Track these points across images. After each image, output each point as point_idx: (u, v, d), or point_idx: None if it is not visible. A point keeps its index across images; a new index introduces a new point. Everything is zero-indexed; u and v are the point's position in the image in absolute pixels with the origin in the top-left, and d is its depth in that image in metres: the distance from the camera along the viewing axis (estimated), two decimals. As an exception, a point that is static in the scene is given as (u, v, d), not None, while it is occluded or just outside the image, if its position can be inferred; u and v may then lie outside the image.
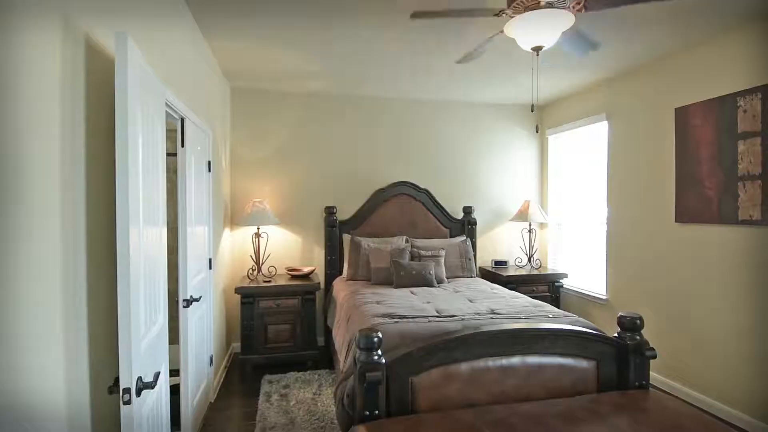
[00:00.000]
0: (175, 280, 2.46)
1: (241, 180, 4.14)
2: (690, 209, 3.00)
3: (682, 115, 3.05)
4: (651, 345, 2.27)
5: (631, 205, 3.58)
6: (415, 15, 2.16)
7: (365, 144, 4.40)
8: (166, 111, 2.10)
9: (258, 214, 3.75)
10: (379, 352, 2.03)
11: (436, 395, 2.11)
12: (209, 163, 3.02)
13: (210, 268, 3.05)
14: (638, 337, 2.29)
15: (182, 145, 2.40)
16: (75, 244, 1.25)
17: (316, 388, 3.27)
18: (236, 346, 4.10)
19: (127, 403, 1.24)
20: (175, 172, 2.47)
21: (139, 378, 1.31)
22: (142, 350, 1.38)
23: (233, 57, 3.25)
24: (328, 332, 3.88)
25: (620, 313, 2.38)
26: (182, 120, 2.39)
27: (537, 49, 1.95)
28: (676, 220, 3.11)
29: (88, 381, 1.31)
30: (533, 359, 2.22)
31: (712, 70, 2.88)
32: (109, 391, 1.27)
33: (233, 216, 4.10)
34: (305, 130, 4.27)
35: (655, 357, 2.23)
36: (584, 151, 4.22)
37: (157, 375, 1.40)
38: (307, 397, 3.11)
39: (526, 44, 1.94)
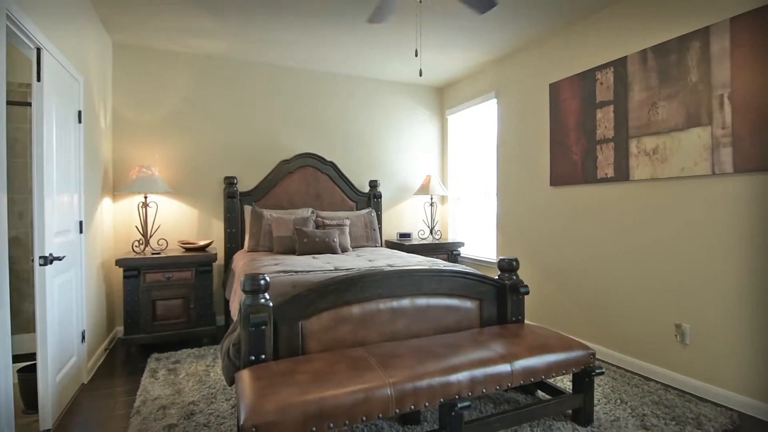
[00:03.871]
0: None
1: (125, 145, 3.74)
2: (561, 173, 3.38)
3: (554, 90, 3.43)
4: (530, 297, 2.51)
5: (515, 175, 3.94)
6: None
7: (269, 114, 4.26)
8: (11, 30, 1.83)
9: (144, 181, 3.42)
10: (266, 295, 1.97)
11: (328, 338, 2.11)
12: (79, 113, 2.68)
13: (81, 231, 2.71)
14: (515, 277, 2.52)
15: (38, 80, 2.10)
16: None
17: (210, 360, 3.08)
18: (121, 330, 3.70)
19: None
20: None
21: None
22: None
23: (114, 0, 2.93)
24: (229, 310, 3.67)
25: (500, 257, 2.59)
26: (39, 50, 2.09)
27: (420, -2, 2.04)
28: (551, 184, 3.49)
29: None
30: (422, 300, 2.32)
31: (577, 49, 3.27)
32: None
33: (116, 184, 3.69)
34: (202, 96, 4.00)
35: (528, 293, 2.47)
36: (479, 128, 4.54)
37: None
38: (199, 369, 2.91)
39: (410, -8, 2.03)
